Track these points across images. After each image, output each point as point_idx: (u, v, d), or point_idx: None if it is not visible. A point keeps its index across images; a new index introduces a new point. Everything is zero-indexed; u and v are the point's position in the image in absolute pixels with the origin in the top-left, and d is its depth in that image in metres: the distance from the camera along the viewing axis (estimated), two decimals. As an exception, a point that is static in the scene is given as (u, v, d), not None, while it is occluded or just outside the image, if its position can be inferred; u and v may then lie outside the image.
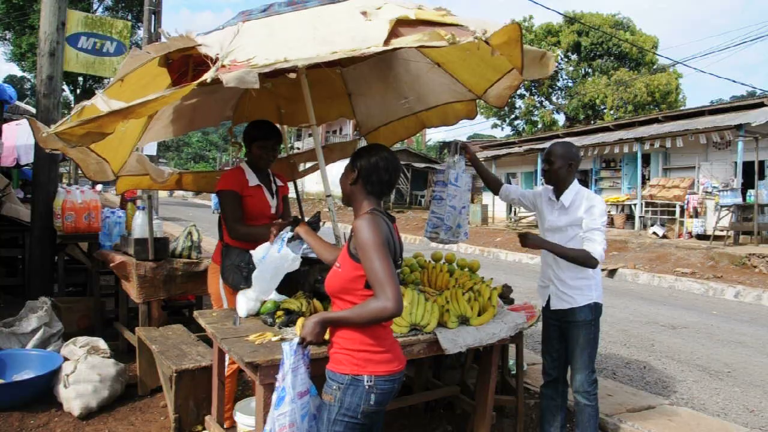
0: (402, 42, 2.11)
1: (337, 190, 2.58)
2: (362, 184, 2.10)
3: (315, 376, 2.08)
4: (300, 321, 2.45)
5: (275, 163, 4.86)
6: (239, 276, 3.04)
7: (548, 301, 3.13)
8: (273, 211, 3.26)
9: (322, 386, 2.02)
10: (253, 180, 3.17)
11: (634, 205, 15.85)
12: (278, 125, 4.62)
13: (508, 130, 34.10)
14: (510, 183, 23.36)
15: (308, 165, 4.96)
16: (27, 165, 8.49)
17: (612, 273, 11.47)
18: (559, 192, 3.05)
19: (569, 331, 3.05)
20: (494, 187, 3.47)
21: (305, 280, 3.60)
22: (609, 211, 17.81)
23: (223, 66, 2.00)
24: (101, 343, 3.91)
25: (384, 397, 1.96)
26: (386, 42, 2.09)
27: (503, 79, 3.40)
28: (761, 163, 13.98)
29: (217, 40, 2.21)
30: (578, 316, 3.00)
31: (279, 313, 2.59)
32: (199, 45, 2.12)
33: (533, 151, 19.99)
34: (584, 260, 2.88)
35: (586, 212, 2.93)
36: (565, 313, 3.04)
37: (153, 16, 8.17)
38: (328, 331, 2.15)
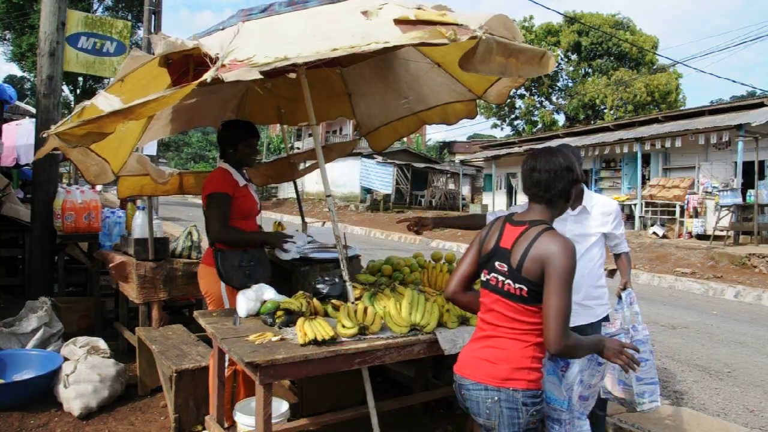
0: (403, 39, 2.11)
1: (337, 191, 2.59)
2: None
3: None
4: (300, 321, 2.45)
5: (276, 162, 4.89)
6: (243, 276, 3.06)
7: None
8: (258, 207, 3.36)
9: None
10: (241, 180, 3.21)
11: (634, 205, 15.85)
12: (278, 125, 4.64)
13: (508, 130, 34.13)
14: (510, 183, 23.41)
15: (308, 164, 4.96)
16: (27, 165, 8.49)
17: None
18: (577, 199, 2.84)
19: None
20: None
21: (305, 280, 3.61)
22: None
23: (223, 66, 2.01)
24: (101, 343, 3.90)
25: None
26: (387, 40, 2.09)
27: (503, 79, 3.40)
28: (761, 163, 13.98)
29: (218, 41, 2.22)
30: (597, 328, 2.79)
31: (279, 313, 2.59)
32: (200, 46, 2.12)
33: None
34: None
35: (614, 221, 2.86)
36: (583, 329, 2.76)
37: (153, 16, 8.18)
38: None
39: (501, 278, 1.88)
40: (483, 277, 1.99)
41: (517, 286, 1.83)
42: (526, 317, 1.85)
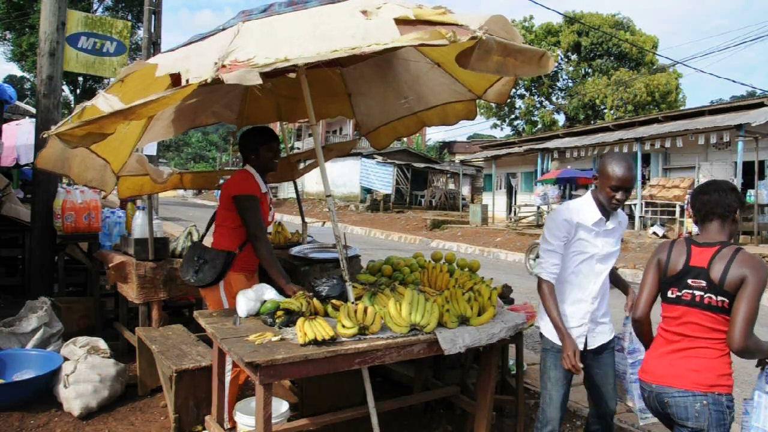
0: (403, 40, 2.11)
1: (337, 191, 2.59)
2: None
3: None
4: (300, 321, 2.45)
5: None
6: (192, 270, 3.11)
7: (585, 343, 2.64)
8: (271, 219, 3.33)
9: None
10: (263, 187, 3.20)
11: (634, 205, 15.86)
12: (278, 123, 4.65)
13: (508, 130, 34.13)
14: (510, 183, 23.41)
15: (307, 163, 4.96)
16: (27, 165, 8.49)
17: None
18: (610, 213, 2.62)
19: (606, 359, 2.67)
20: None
21: (305, 280, 3.61)
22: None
23: (223, 66, 2.01)
24: (101, 343, 3.90)
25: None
26: (386, 41, 2.09)
27: (503, 78, 3.41)
28: (761, 163, 13.99)
29: (216, 43, 2.22)
30: (612, 343, 2.70)
31: (279, 313, 2.59)
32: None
33: (533, 151, 19.99)
34: None
35: (622, 223, 2.69)
36: (605, 345, 2.67)
37: (153, 16, 8.18)
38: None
39: (699, 293, 2.12)
40: (671, 294, 2.21)
41: (719, 299, 2.07)
42: (725, 326, 2.08)
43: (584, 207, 2.57)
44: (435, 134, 41.00)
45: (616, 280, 2.78)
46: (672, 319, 2.20)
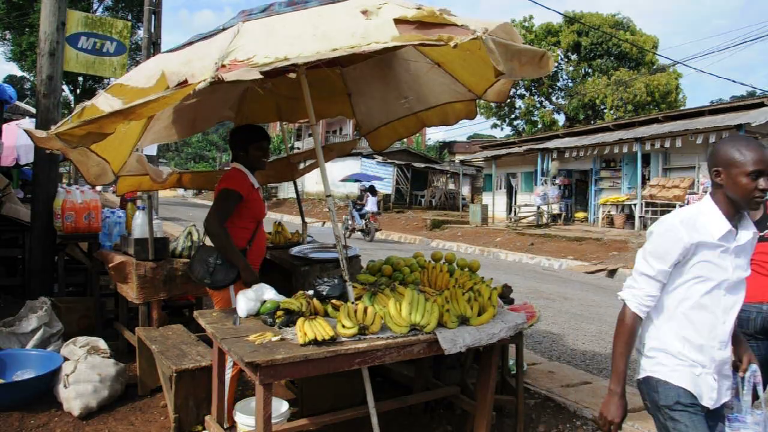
0: (402, 39, 2.11)
1: (337, 191, 2.58)
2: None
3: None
4: (300, 321, 2.45)
5: (276, 162, 4.90)
6: (204, 270, 3.10)
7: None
8: (265, 212, 3.40)
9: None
10: (255, 183, 3.26)
11: (634, 205, 15.87)
12: (278, 123, 4.65)
13: (508, 130, 34.12)
14: (510, 182, 23.40)
15: (307, 163, 4.97)
16: (27, 165, 8.49)
17: (612, 273, 11.49)
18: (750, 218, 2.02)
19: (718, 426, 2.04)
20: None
21: (305, 280, 3.61)
22: (609, 212, 17.82)
23: (223, 66, 2.01)
24: (101, 343, 3.90)
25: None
26: (386, 40, 2.09)
27: (503, 77, 3.40)
28: (761, 163, 13.95)
29: (215, 45, 2.21)
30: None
31: (279, 313, 2.59)
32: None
33: (533, 151, 19.99)
34: None
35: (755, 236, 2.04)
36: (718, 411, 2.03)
37: (153, 16, 8.18)
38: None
39: None
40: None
41: None
42: None
43: (705, 217, 1.91)
44: (435, 134, 41.06)
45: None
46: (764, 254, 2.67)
